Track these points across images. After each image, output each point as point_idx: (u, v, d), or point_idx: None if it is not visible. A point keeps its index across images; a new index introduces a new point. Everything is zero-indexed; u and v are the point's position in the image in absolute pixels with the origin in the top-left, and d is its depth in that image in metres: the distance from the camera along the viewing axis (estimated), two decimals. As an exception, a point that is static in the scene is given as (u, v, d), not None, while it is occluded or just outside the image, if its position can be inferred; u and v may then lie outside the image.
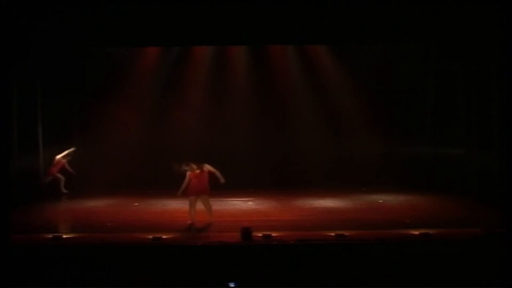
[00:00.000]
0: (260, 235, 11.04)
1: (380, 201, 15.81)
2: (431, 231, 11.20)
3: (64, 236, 11.36)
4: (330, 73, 18.64)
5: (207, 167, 12.92)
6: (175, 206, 15.17)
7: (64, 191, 17.22)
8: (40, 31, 12.54)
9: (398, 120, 18.53)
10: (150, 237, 11.09)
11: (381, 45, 17.50)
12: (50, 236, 11.26)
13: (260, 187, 17.97)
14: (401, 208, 14.75)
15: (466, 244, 10.44)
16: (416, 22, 12.61)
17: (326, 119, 18.70)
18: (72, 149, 17.31)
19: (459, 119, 16.55)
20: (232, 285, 9.05)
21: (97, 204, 15.55)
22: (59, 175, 17.16)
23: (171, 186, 17.29)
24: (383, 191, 16.78)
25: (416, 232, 11.19)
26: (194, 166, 12.94)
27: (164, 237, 11.11)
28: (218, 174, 12.86)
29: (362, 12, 12.55)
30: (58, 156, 17.08)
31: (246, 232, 10.90)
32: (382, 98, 18.50)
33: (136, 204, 15.71)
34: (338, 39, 14.17)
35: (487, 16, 12.31)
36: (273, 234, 11.16)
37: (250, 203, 15.79)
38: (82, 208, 15.26)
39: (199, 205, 12.94)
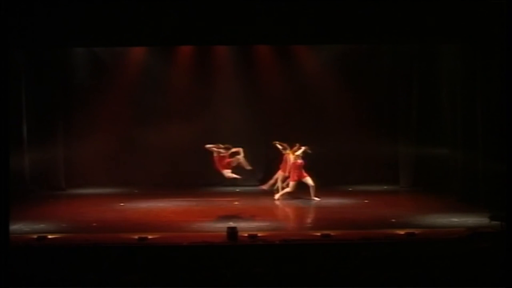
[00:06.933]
0: (246, 235, 11.03)
1: (366, 200, 15.84)
2: (416, 231, 11.26)
3: (50, 237, 11.29)
4: (314, 73, 18.62)
5: None
6: (161, 206, 15.14)
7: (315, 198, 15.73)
8: (24, 28, 12.44)
9: (383, 119, 18.55)
10: (136, 237, 11.05)
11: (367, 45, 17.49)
12: (35, 236, 11.19)
13: (246, 187, 17.95)
14: (386, 207, 14.80)
15: (451, 243, 10.48)
16: (406, 22, 12.63)
17: (311, 119, 18.66)
18: (304, 148, 15.64)
19: (444, 118, 16.60)
20: None
21: (82, 204, 15.45)
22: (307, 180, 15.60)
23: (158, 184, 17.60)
24: (368, 191, 16.80)
25: (402, 232, 11.23)
26: None
27: (150, 237, 11.06)
28: None
29: (351, 11, 12.56)
30: (291, 158, 15.61)
31: (232, 232, 10.89)
32: (367, 97, 18.51)
33: (122, 204, 15.64)
34: (329, 39, 14.21)
35: (478, 15, 12.39)
36: (259, 234, 11.15)
37: (236, 203, 15.77)
38: (68, 208, 15.17)
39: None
